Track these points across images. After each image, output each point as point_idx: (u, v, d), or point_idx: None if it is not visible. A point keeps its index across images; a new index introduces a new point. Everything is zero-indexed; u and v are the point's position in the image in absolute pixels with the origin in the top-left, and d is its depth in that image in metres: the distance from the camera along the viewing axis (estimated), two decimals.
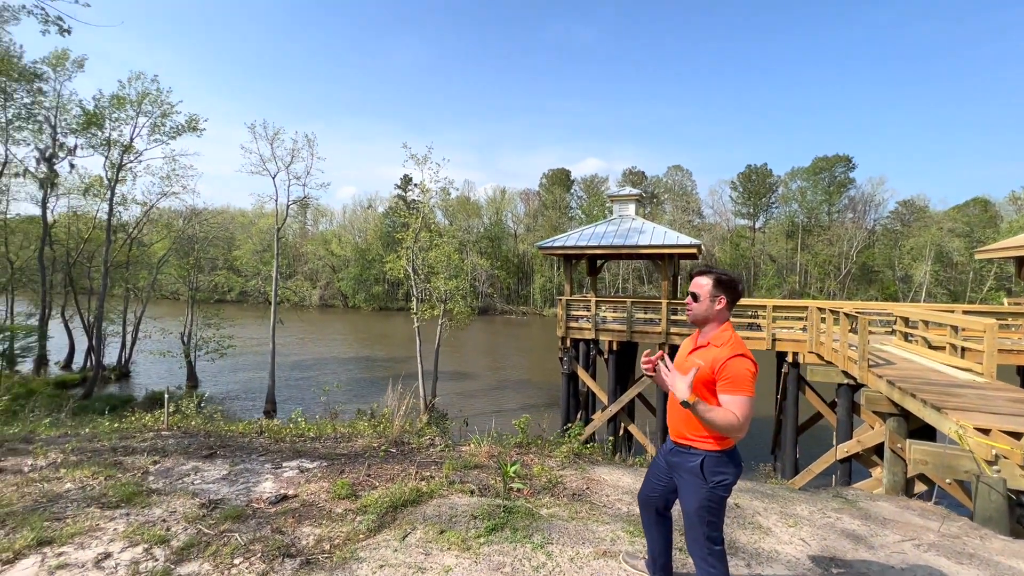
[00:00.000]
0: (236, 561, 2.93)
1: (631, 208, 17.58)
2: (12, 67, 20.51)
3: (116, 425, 5.99)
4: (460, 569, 2.85)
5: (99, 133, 23.02)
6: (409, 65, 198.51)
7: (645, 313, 17.62)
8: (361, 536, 3.23)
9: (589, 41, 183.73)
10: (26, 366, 26.06)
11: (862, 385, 8.69)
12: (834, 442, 10.20)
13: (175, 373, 26.59)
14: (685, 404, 2.18)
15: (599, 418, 15.92)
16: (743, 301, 17.87)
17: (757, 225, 72.22)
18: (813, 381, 10.81)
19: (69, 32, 10.73)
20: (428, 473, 4.36)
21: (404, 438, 5.55)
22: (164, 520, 3.41)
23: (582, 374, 16.31)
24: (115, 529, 3.26)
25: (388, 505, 3.59)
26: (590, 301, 16.11)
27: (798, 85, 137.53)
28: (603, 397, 16.21)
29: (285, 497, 3.87)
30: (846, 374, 9.63)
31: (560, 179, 79.39)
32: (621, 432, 17.19)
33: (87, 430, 5.84)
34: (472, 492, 3.93)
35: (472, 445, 5.34)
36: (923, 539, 3.56)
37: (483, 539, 3.17)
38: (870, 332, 13.60)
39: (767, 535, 3.47)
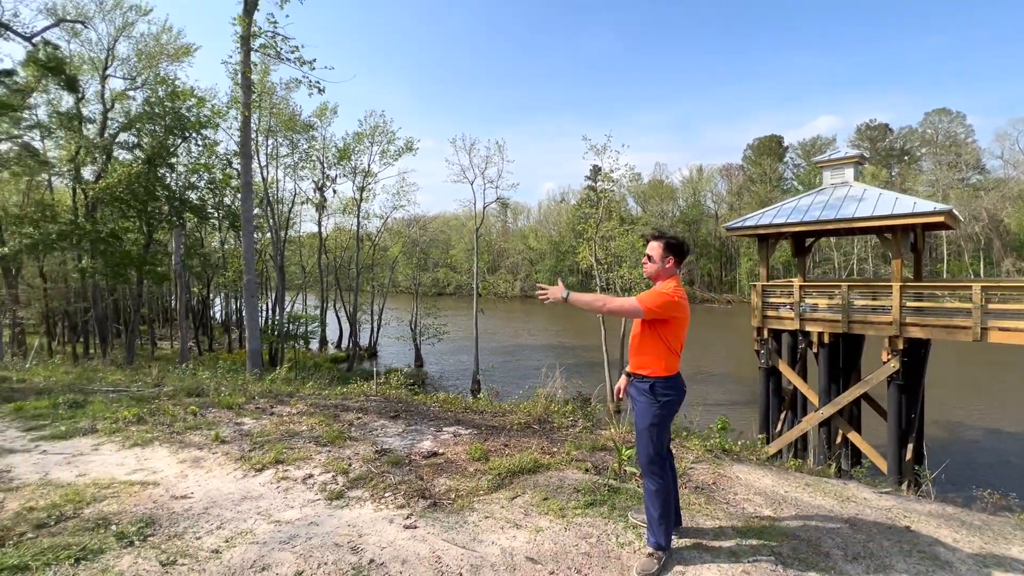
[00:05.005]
0: (387, 495, 3.71)
1: (847, 174, 14.57)
2: (297, 124, 27.74)
3: (343, 390, 7.84)
4: (550, 531, 3.07)
5: (348, 163, 29.45)
6: (599, 54, 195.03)
7: (875, 299, 14.36)
8: (481, 492, 3.71)
9: None
10: (314, 345, 35.07)
11: None
12: None
13: (407, 354, 32.34)
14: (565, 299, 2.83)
15: (808, 421, 13.81)
16: (928, 283, 13.07)
17: None
18: None
19: (323, 91, 14.34)
20: (555, 448, 4.64)
21: (550, 417, 5.93)
22: (349, 458, 4.47)
23: (785, 369, 14.36)
24: (319, 460, 4.43)
25: (508, 471, 4.01)
26: (793, 286, 13.97)
27: None
28: (813, 398, 13.93)
29: (435, 454, 4.62)
30: None
31: (770, 148, 69.47)
32: (839, 439, 14.58)
33: (325, 392, 7.80)
34: (587, 470, 4.07)
35: (612, 429, 5.41)
36: None
37: (580, 510, 3.32)
38: None
39: (939, 571, 2.76)
